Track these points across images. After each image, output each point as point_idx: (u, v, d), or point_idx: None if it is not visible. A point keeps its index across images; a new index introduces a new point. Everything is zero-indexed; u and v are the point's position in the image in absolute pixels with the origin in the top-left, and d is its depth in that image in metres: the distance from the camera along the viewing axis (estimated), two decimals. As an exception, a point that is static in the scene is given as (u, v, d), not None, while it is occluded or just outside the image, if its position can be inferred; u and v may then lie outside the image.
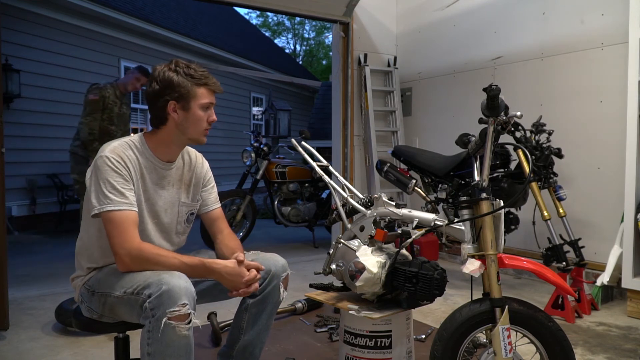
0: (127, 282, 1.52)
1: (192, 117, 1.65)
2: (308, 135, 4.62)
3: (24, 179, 6.15)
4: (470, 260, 1.67)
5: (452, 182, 3.28)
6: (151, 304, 1.42)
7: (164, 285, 1.42)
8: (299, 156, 2.95)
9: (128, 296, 1.50)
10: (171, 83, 1.62)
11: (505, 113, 1.68)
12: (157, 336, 1.41)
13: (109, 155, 1.58)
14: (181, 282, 1.45)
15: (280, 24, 26.32)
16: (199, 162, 1.87)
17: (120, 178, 1.57)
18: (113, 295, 1.55)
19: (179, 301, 1.41)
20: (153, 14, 8.56)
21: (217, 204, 1.90)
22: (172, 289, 1.41)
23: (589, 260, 3.33)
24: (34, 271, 4.14)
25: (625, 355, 2.47)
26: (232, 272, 1.60)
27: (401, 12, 5.28)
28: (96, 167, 1.57)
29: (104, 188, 1.55)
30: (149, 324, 1.43)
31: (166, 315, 1.39)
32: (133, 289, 1.49)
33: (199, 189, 1.85)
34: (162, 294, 1.41)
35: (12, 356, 2.43)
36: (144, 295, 1.45)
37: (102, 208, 1.54)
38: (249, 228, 5.18)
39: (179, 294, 1.41)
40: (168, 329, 1.40)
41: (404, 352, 1.87)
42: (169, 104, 1.63)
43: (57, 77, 6.55)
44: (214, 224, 1.88)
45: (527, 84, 4.07)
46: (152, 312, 1.42)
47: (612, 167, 3.49)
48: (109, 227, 1.54)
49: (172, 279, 1.44)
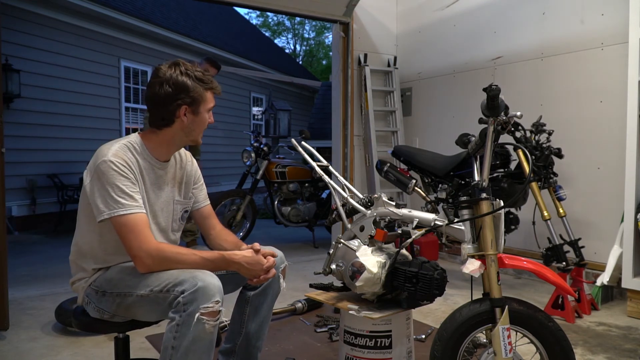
0: (153, 281, 1.53)
1: (199, 121, 1.69)
2: (308, 135, 4.62)
3: (24, 179, 6.15)
4: (470, 260, 1.67)
5: (452, 182, 3.28)
6: (185, 299, 1.44)
7: (199, 282, 1.45)
8: (299, 156, 2.95)
9: (155, 294, 1.51)
10: (186, 88, 1.62)
11: (505, 113, 1.68)
12: (186, 330, 1.43)
13: (113, 159, 1.57)
14: (214, 280, 1.49)
15: (280, 24, 26.33)
16: (188, 160, 1.88)
17: (128, 182, 1.57)
18: (135, 294, 1.55)
19: (213, 298, 1.45)
20: (153, 14, 8.56)
21: (207, 201, 1.93)
22: (207, 286, 1.45)
23: (589, 260, 3.33)
24: (34, 271, 4.15)
25: (625, 355, 2.47)
26: (252, 261, 1.64)
27: (401, 12, 5.28)
28: (100, 172, 1.55)
29: (113, 193, 1.54)
30: (179, 318, 1.44)
31: (199, 310, 1.42)
32: (162, 287, 1.50)
33: (190, 186, 1.86)
34: (198, 290, 1.44)
35: (12, 356, 2.43)
36: (175, 292, 1.47)
37: (114, 213, 1.53)
38: (249, 228, 5.18)
39: (213, 291, 1.46)
40: (199, 324, 1.43)
41: (404, 352, 1.87)
42: (182, 108, 1.64)
43: (57, 77, 6.55)
44: (206, 221, 1.91)
45: (527, 84, 4.07)
46: (185, 306, 1.44)
47: (612, 167, 3.49)
48: (123, 231, 1.54)
49: (206, 277, 1.48)
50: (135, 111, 8.13)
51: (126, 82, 7.90)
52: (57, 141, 6.61)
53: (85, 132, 6.87)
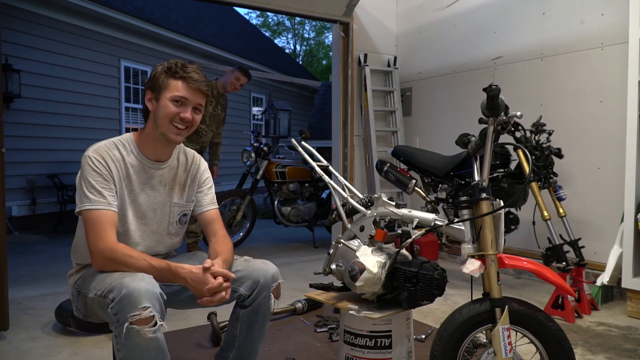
0: (98, 283, 1.51)
1: (162, 108, 1.64)
2: (308, 135, 4.61)
3: (24, 179, 6.15)
4: (470, 260, 1.67)
5: (452, 182, 3.28)
6: (114, 309, 1.39)
7: (123, 289, 1.38)
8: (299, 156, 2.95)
9: (98, 298, 1.49)
10: (153, 74, 1.66)
11: (505, 113, 1.68)
12: (125, 342, 1.37)
13: (91, 154, 1.60)
14: (142, 284, 1.40)
15: (280, 24, 26.33)
16: (196, 162, 1.85)
17: (100, 177, 1.58)
18: (88, 297, 1.55)
19: (140, 304, 1.36)
20: (153, 14, 8.56)
21: (213, 206, 1.86)
22: (131, 293, 1.37)
23: (589, 260, 3.33)
24: (34, 271, 4.14)
25: (625, 355, 2.47)
26: (196, 278, 1.52)
27: (401, 12, 5.28)
28: (81, 166, 1.60)
29: (84, 187, 1.57)
30: (115, 330, 1.41)
31: (128, 320, 1.35)
32: (101, 292, 1.47)
33: (194, 189, 1.83)
34: (123, 298, 1.37)
35: (12, 356, 2.43)
36: (108, 299, 1.42)
37: (82, 207, 1.56)
38: (249, 228, 5.18)
39: (139, 297, 1.36)
40: (132, 333, 1.35)
41: (404, 352, 1.87)
42: (146, 93, 1.67)
43: (57, 77, 6.55)
44: (208, 226, 1.84)
45: (527, 84, 4.07)
46: (116, 317, 1.39)
47: (612, 167, 3.49)
48: (86, 226, 1.56)
49: (133, 282, 1.39)
50: (135, 111, 8.13)
51: (126, 82, 7.90)
52: (57, 141, 6.60)
53: (86, 132, 6.87)
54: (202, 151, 4.39)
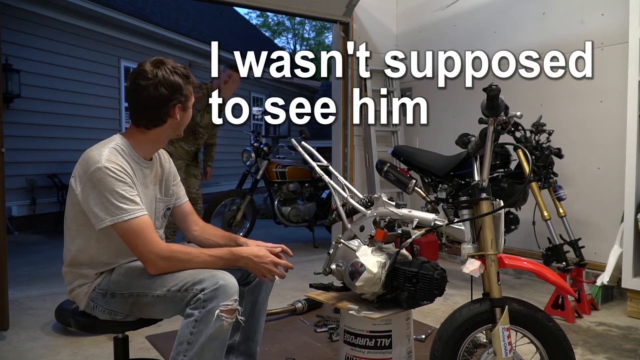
0: (170, 280, 1.54)
1: (187, 115, 1.72)
2: (308, 135, 4.61)
3: (24, 179, 6.15)
4: (470, 260, 1.67)
5: (452, 182, 3.28)
6: (206, 296, 1.47)
7: (219, 280, 1.49)
8: (299, 156, 2.95)
9: (173, 294, 1.53)
10: (179, 87, 1.64)
11: (505, 113, 1.68)
12: (204, 327, 1.46)
13: (109, 165, 1.53)
14: (233, 279, 1.53)
15: (280, 24, 26.32)
16: (164, 156, 1.87)
17: (126, 186, 1.56)
18: (151, 295, 1.56)
19: (232, 297, 1.49)
20: (153, 14, 8.56)
21: (187, 198, 1.94)
22: (227, 285, 1.49)
23: (589, 260, 3.33)
24: (34, 271, 4.14)
25: (625, 355, 2.47)
26: (261, 253, 1.66)
27: (401, 12, 5.27)
28: (95, 179, 1.52)
29: (113, 199, 1.52)
30: (198, 314, 1.47)
31: (219, 307, 1.46)
32: (180, 286, 1.52)
33: (170, 184, 1.85)
34: (219, 288, 1.47)
35: (12, 356, 2.43)
36: (195, 290, 1.49)
37: (117, 219, 1.51)
38: (249, 228, 5.18)
39: (233, 289, 1.50)
40: (218, 321, 1.46)
41: (404, 352, 1.87)
42: (177, 107, 1.65)
43: (57, 77, 6.55)
44: (187, 217, 1.90)
45: (527, 84, 4.06)
46: (205, 303, 1.47)
47: (612, 167, 3.49)
48: (129, 236, 1.54)
49: (225, 276, 1.52)
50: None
51: (126, 82, 7.90)
52: (57, 141, 6.60)
53: (86, 132, 6.86)
54: (197, 152, 4.38)
